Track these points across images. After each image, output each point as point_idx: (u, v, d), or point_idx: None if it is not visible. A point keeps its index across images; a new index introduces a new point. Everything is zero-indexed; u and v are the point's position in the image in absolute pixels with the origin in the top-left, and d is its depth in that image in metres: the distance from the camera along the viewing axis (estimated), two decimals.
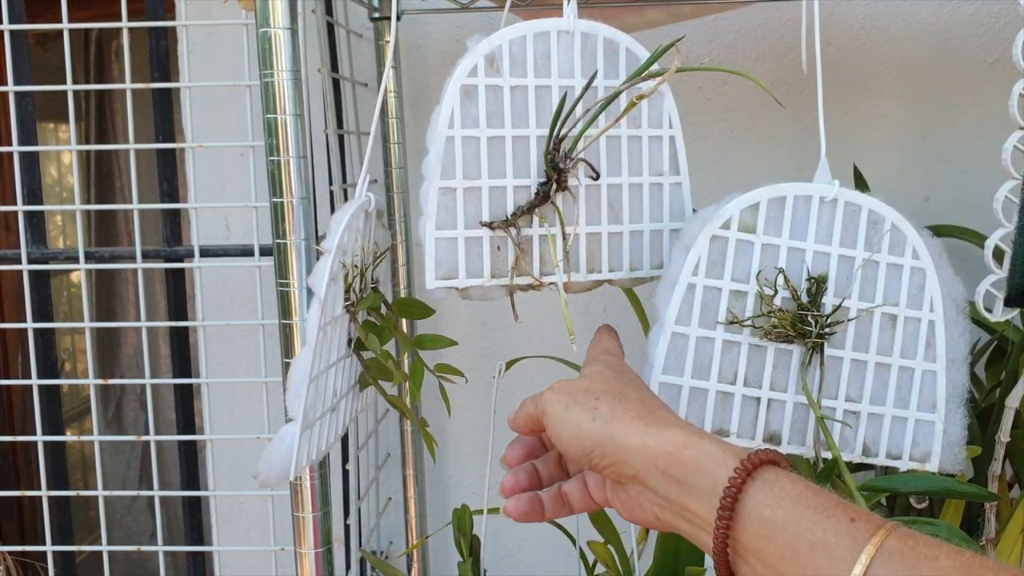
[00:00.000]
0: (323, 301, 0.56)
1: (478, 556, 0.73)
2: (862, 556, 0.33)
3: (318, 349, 0.56)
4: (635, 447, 0.43)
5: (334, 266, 0.57)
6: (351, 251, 0.60)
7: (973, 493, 0.62)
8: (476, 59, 0.58)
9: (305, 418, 0.57)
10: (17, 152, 0.89)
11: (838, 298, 0.59)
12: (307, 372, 0.56)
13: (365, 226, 0.62)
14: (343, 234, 0.58)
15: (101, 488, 0.90)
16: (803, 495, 0.37)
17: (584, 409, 0.46)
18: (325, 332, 0.57)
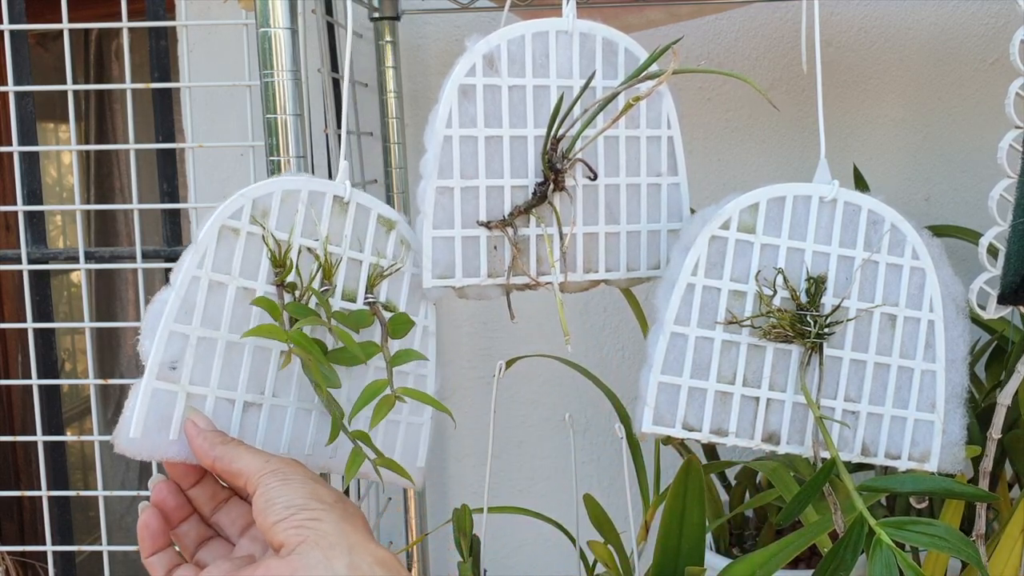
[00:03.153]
0: (199, 246, 0.55)
1: (478, 556, 0.73)
2: None
3: (190, 298, 0.55)
4: None
5: (231, 216, 0.56)
6: (298, 229, 0.58)
7: (971, 493, 0.62)
8: (474, 59, 0.58)
9: (161, 369, 0.55)
10: (17, 152, 0.89)
11: (837, 298, 0.59)
12: (161, 314, 0.55)
13: (336, 216, 0.60)
14: (260, 188, 0.57)
15: (101, 488, 0.90)
16: None
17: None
18: (210, 291, 0.56)
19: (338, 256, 0.60)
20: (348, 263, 0.60)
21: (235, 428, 0.58)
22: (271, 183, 0.57)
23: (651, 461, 0.81)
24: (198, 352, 0.56)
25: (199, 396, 0.56)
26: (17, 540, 1.87)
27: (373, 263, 0.61)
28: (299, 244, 0.58)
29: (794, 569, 0.80)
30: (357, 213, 0.60)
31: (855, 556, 0.54)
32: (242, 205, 0.56)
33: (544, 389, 1.06)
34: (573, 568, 0.80)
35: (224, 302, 0.56)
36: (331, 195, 0.59)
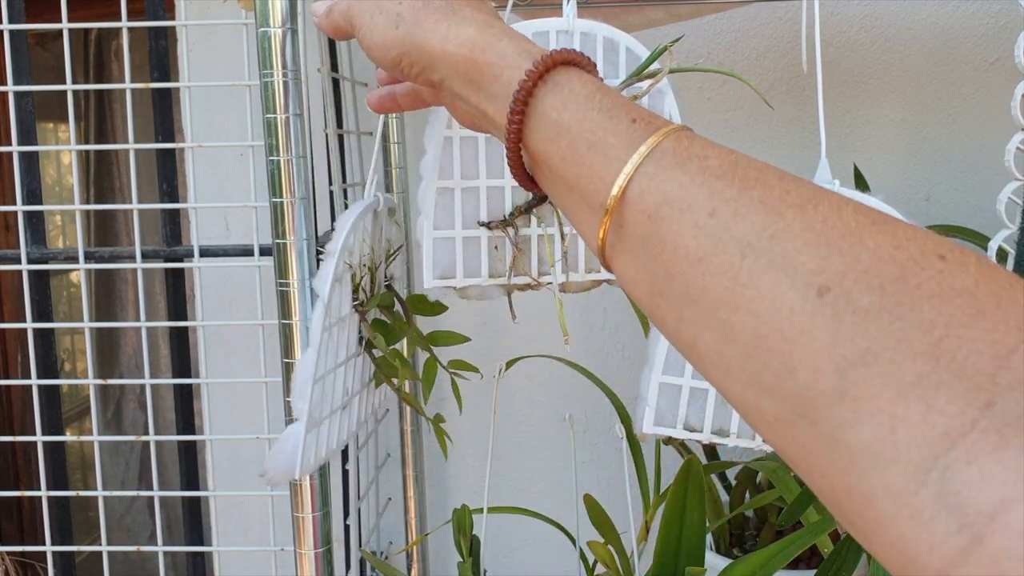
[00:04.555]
0: (327, 303, 0.57)
1: (478, 556, 0.73)
2: (634, 156, 0.33)
3: (323, 350, 0.57)
4: (437, 53, 0.41)
5: (339, 268, 0.58)
6: (358, 252, 0.60)
7: None
8: None
9: (310, 418, 0.57)
10: (17, 152, 0.89)
11: None
12: (311, 374, 0.56)
13: (374, 226, 0.62)
14: (348, 236, 0.58)
15: (101, 488, 0.90)
16: (591, 96, 0.36)
17: (388, 17, 0.43)
18: (331, 333, 0.58)
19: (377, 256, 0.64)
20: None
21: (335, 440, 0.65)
22: (345, 227, 0.59)
23: (651, 461, 0.81)
24: (325, 390, 0.61)
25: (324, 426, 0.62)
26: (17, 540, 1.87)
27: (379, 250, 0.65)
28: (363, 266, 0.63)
29: (794, 569, 0.80)
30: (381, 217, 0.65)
31: (858, 556, 0.54)
32: (339, 260, 0.59)
33: (544, 389, 1.06)
34: (573, 568, 0.80)
35: (341, 337, 0.61)
36: (371, 212, 0.63)
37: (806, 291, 0.27)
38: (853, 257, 0.27)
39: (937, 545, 0.23)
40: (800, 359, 0.27)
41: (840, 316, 0.26)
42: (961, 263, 0.26)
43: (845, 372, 0.26)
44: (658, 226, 0.32)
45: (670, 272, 0.31)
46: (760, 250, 0.28)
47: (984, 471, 0.22)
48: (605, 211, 0.33)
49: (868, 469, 0.25)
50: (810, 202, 0.29)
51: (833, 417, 0.26)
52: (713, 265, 0.29)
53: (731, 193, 0.30)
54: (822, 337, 0.26)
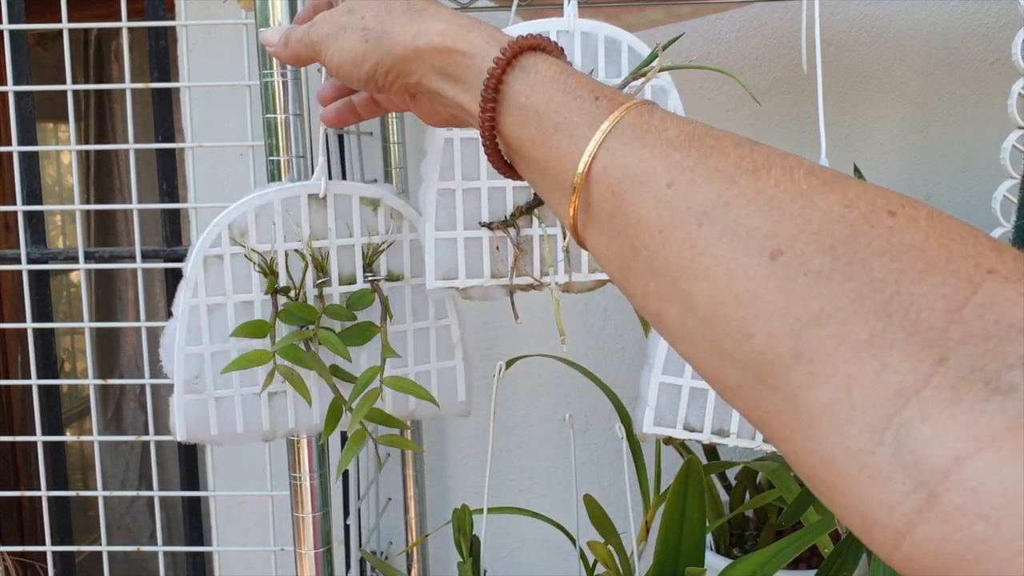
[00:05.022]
0: (190, 279, 0.61)
1: (478, 556, 0.73)
2: (597, 133, 0.33)
3: (194, 324, 0.61)
4: (410, 52, 0.41)
5: (204, 244, 0.60)
6: (277, 236, 0.61)
7: None
8: None
9: (187, 385, 0.61)
10: (17, 152, 0.89)
11: None
12: (172, 341, 0.61)
13: (314, 211, 0.62)
14: (234, 214, 0.61)
15: (101, 488, 0.90)
16: (556, 78, 0.36)
17: (354, 33, 0.44)
18: (210, 312, 0.62)
19: (326, 249, 0.63)
20: (340, 251, 0.63)
21: (264, 417, 0.64)
22: (241, 204, 0.61)
23: (651, 461, 0.81)
24: (215, 363, 0.62)
25: (226, 397, 0.62)
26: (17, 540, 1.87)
27: (365, 243, 0.64)
28: (284, 250, 0.62)
29: (794, 569, 0.80)
30: (338, 202, 0.63)
31: (858, 556, 0.54)
32: (219, 233, 0.60)
33: (544, 389, 1.06)
34: (573, 568, 0.80)
35: (228, 316, 0.62)
36: (305, 196, 0.62)
37: (759, 256, 0.27)
38: (804, 219, 0.27)
39: (895, 505, 0.23)
40: (756, 324, 0.27)
41: (793, 278, 0.26)
42: (911, 218, 0.26)
43: (799, 334, 0.26)
44: (622, 201, 0.32)
45: (635, 246, 0.31)
46: (715, 218, 0.29)
47: (937, 428, 0.22)
48: (573, 190, 0.34)
49: (827, 431, 0.25)
50: (763, 167, 0.29)
51: (791, 381, 0.26)
52: (673, 236, 0.30)
53: (688, 162, 0.30)
54: (776, 300, 0.26)
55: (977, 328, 0.23)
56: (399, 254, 0.65)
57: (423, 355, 0.67)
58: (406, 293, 0.66)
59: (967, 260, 0.24)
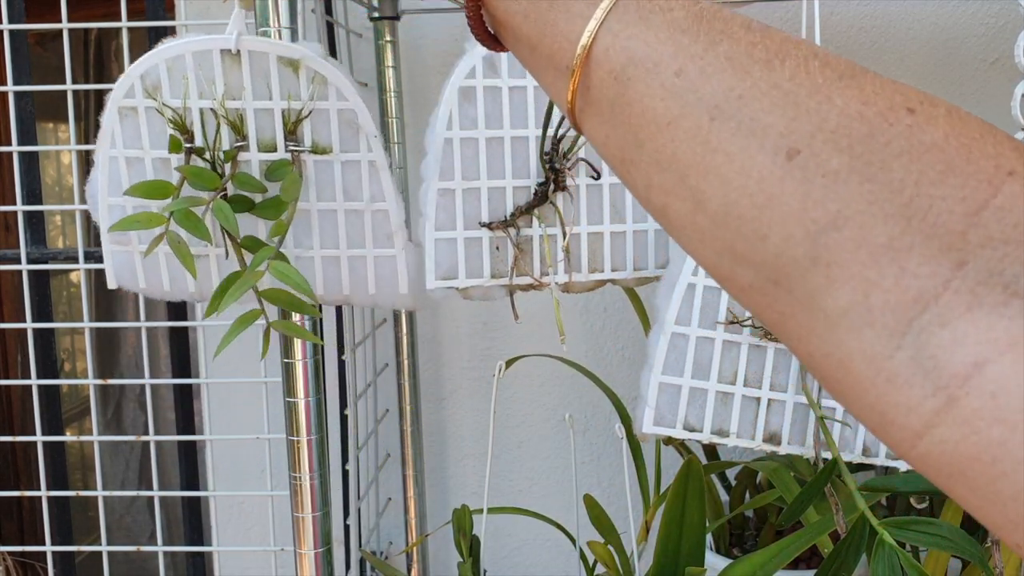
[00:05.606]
0: (106, 129, 0.58)
1: (478, 556, 0.73)
2: (597, 11, 0.30)
3: (113, 176, 0.60)
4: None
5: (125, 95, 0.59)
6: (192, 93, 0.58)
7: None
8: (474, 61, 0.58)
9: (112, 235, 0.60)
10: (16, 152, 0.89)
11: None
12: (97, 191, 0.60)
13: (231, 69, 0.59)
14: (150, 66, 0.58)
15: (101, 488, 0.90)
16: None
17: None
18: (131, 166, 0.59)
19: (243, 110, 0.59)
20: (259, 114, 0.59)
21: (189, 278, 0.61)
22: (151, 55, 0.58)
23: (651, 461, 0.81)
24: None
25: (152, 253, 0.59)
26: (17, 540, 1.86)
27: (285, 108, 0.59)
28: (198, 107, 0.59)
29: (794, 569, 0.80)
30: (254, 60, 0.59)
31: (858, 556, 0.54)
32: (131, 83, 0.58)
33: (544, 389, 1.06)
34: (573, 568, 0.80)
35: (146, 172, 0.60)
36: (218, 51, 0.59)
37: (775, 155, 0.26)
38: (821, 117, 0.26)
39: (913, 407, 0.23)
40: (771, 225, 0.26)
41: (810, 179, 0.25)
42: (930, 116, 0.25)
43: (816, 237, 0.25)
44: (625, 88, 0.30)
45: (639, 138, 0.30)
46: (728, 113, 0.27)
47: (957, 333, 0.22)
48: (571, 73, 0.31)
49: (844, 335, 0.25)
50: (777, 56, 0.28)
51: (807, 283, 0.25)
52: (682, 129, 0.28)
53: (697, 49, 0.29)
54: (792, 202, 0.26)
55: (996, 232, 0.23)
56: (326, 124, 0.59)
57: (357, 240, 0.61)
58: (335, 169, 0.60)
59: (987, 160, 0.24)
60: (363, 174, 0.60)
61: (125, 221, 0.56)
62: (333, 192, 0.60)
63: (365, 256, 0.62)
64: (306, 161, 0.59)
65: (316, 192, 0.60)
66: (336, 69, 0.58)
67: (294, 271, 0.56)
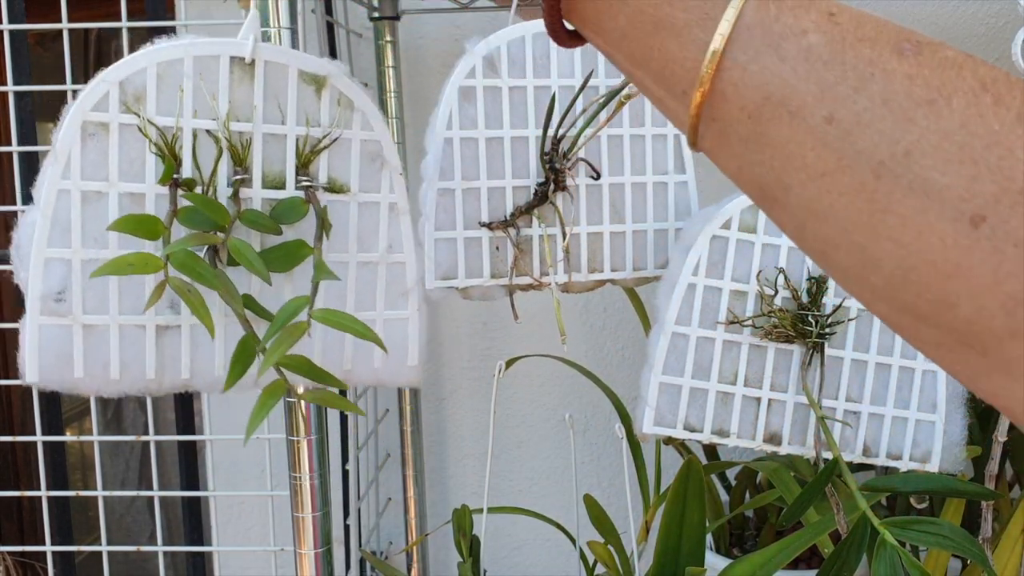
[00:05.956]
0: (59, 152, 0.45)
1: (478, 556, 0.73)
2: (715, 38, 0.27)
3: (59, 216, 0.45)
4: None
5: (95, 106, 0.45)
6: (186, 108, 0.46)
7: (975, 492, 0.62)
8: (474, 61, 0.58)
9: (44, 303, 0.46)
10: (16, 152, 0.89)
11: (838, 298, 0.59)
12: (31, 239, 0.45)
13: (240, 83, 0.48)
14: (121, 71, 0.46)
15: (101, 488, 0.90)
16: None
17: None
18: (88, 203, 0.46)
19: (249, 135, 0.48)
20: (268, 141, 0.48)
21: (151, 359, 0.47)
22: (139, 56, 0.46)
23: (651, 461, 0.81)
24: (86, 277, 0.46)
25: (99, 327, 0.46)
26: (17, 540, 1.86)
27: (302, 135, 0.49)
28: (192, 128, 0.46)
29: (794, 570, 0.80)
30: (269, 74, 0.48)
31: (859, 556, 0.54)
32: (106, 91, 0.45)
33: (544, 389, 1.06)
34: (573, 569, 0.80)
35: (110, 211, 0.46)
36: (227, 57, 0.47)
37: (957, 221, 0.24)
38: (1005, 176, 0.23)
39: None
40: (960, 296, 0.24)
41: (1000, 250, 0.23)
42: None
43: (1013, 311, 0.23)
44: (763, 128, 0.27)
45: (785, 182, 0.27)
46: (896, 171, 0.24)
47: None
48: (690, 101, 0.28)
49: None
50: (940, 94, 0.25)
51: (1005, 352, 0.24)
52: (841, 183, 0.25)
53: (845, 89, 0.25)
54: (983, 274, 0.23)
55: None
56: (345, 157, 0.50)
57: (366, 299, 0.51)
58: (350, 212, 0.50)
59: None
60: (382, 219, 0.51)
61: (112, 264, 0.43)
62: (346, 240, 0.50)
63: (375, 319, 0.51)
64: (317, 199, 0.49)
65: (326, 239, 0.50)
66: (363, 92, 0.49)
67: (350, 317, 0.46)
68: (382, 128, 0.50)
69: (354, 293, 0.51)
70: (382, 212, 0.51)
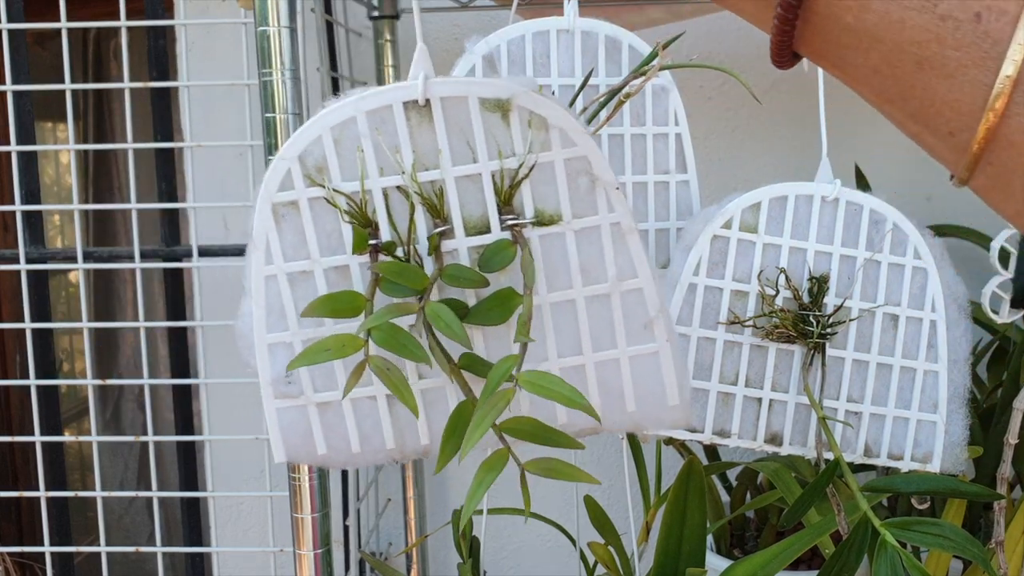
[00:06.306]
0: (257, 239, 0.44)
1: (478, 557, 0.73)
2: (998, 82, 0.24)
3: (272, 303, 0.44)
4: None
5: (270, 184, 0.44)
6: (369, 165, 0.43)
7: (977, 492, 0.62)
8: (474, 60, 0.58)
9: (276, 387, 0.45)
10: (15, 152, 0.89)
11: (840, 298, 0.59)
12: (251, 328, 0.45)
13: (420, 127, 0.43)
14: (304, 138, 0.43)
15: (99, 489, 0.90)
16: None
17: None
18: (296, 285, 0.44)
19: (440, 182, 0.44)
20: (460, 184, 0.44)
21: (387, 429, 0.46)
22: (310, 126, 0.43)
23: (652, 462, 0.81)
24: None
25: (333, 403, 0.46)
26: (15, 541, 1.86)
27: (496, 170, 0.44)
28: (380, 187, 0.43)
29: (795, 570, 0.80)
30: (448, 110, 0.43)
31: (860, 557, 0.54)
32: (287, 169, 0.43)
33: None
34: (573, 569, 0.79)
35: (318, 291, 0.45)
36: (399, 104, 0.43)
37: None
38: None
39: None
40: None
41: None
42: None
43: None
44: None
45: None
46: None
47: None
48: (963, 146, 0.26)
49: None
50: None
51: None
52: None
53: None
54: None
55: None
56: (550, 183, 0.43)
57: (604, 337, 0.45)
58: (567, 243, 0.44)
59: None
60: (605, 244, 0.44)
61: (309, 352, 0.42)
62: (568, 275, 0.44)
63: (618, 358, 0.45)
64: (529, 238, 0.44)
65: (546, 278, 0.44)
66: (555, 105, 0.43)
67: (558, 380, 0.41)
68: (585, 141, 0.43)
69: (588, 333, 0.45)
70: (604, 236, 0.44)
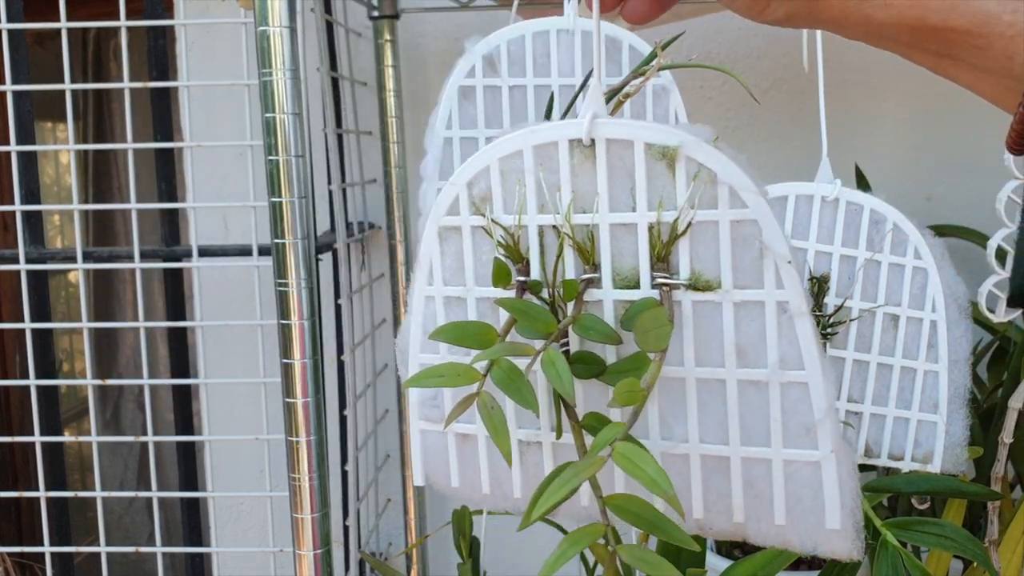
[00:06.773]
0: (423, 260, 0.44)
1: (478, 558, 0.73)
2: None
3: (428, 324, 0.44)
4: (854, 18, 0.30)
5: (448, 211, 0.43)
6: (531, 205, 0.41)
7: (977, 492, 0.62)
8: (474, 60, 0.58)
9: (421, 408, 0.45)
10: (15, 151, 0.88)
11: (840, 298, 0.59)
12: (407, 345, 0.44)
13: (582, 167, 0.41)
14: (479, 170, 0.42)
15: (99, 489, 0.90)
16: None
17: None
18: (451, 309, 0.44)
19: (592, 227, 0.41)
20: (615, 232, 0.41)
21: (516, 477, 0.44)
22: (481, 155, 0.42)
23: None
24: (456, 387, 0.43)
25: (471, 436, 0.44)
26: (15, 541, 1.86)
27: (653, 222, 0.40)
28: (537, 224, 0.41)
29: (795, 571, 0.80)
30: (612, 153, 0.40)
31: None
32: (456, 194, 0.42)
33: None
34: (573, 570, 0.79)
35: (468, 319, 0.44)
36: (566, 141, 0.41)
37: None
38: None
39: None
40: None
41: None
42: None
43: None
44: None
45: None
46: None
47: None
48: None
49: None
50: None
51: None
52: None
53: None
54: None
55: None
56: (712, 244, 0.39)
57: (756, 429, 0.39)
58: (723, 315, 0.39)
59: None
60: (769, 323, 0.39)
61: (423, 375, 0.40)
62: (720, 352, 0.39)
63: (770, 459, 0.39)
64: (681, 302, 0.40)
65: (695, 350, 0.40)
66: (728, 159, 0.40)
67: (648, 458, 0.35)
68: (758, 203, 0.39)
69: (738, 423, 0.40)
70: (768, 314, 0.39)
